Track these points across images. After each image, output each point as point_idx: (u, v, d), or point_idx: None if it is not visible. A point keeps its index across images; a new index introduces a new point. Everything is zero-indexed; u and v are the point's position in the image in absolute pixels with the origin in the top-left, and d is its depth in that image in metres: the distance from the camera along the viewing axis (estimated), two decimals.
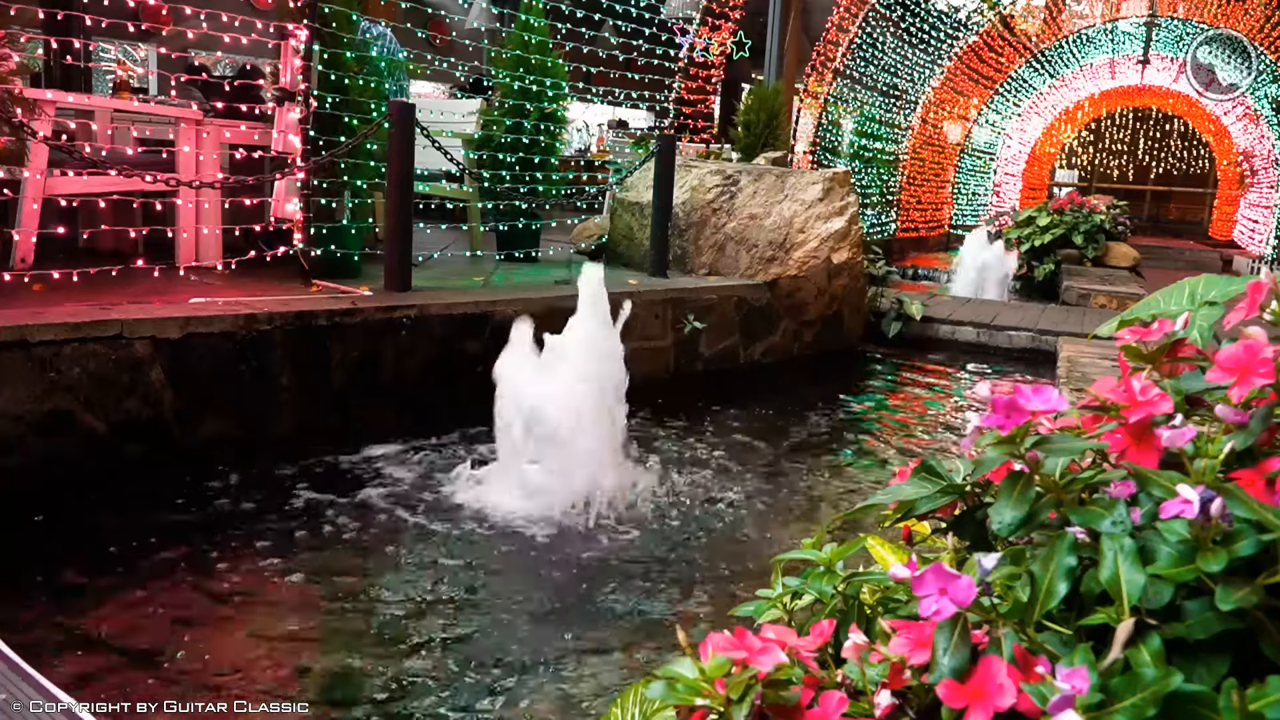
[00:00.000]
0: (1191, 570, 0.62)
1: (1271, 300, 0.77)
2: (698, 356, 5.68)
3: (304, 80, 4.59)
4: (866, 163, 11.06)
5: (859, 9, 9.88)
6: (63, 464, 3.30)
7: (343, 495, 3.55)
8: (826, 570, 0.89)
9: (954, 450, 4.57)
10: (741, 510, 3.74)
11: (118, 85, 7.04)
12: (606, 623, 2.80)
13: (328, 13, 4.62)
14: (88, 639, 2.48)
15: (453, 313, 4.46)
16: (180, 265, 4.58)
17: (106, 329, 3.39)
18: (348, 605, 2.79)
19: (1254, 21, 11.74)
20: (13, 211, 4.22)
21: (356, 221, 4.89)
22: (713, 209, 6.38)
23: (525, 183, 6.05)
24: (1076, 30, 13.75)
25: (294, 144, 4.77)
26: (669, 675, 0.70)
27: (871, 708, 0.68)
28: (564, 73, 6.25)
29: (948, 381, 6.51)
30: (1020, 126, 17.37)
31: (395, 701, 2.32)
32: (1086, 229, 10.05)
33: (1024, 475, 0.75)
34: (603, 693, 2.40)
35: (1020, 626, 0.65)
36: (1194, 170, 20.86)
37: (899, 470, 0.90)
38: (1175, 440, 0.72)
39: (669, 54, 8.40)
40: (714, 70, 8.81)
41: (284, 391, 3.91)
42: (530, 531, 3.33)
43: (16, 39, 4.08)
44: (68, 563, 2.88)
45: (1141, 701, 0.57)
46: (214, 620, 2.66)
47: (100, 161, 4.44)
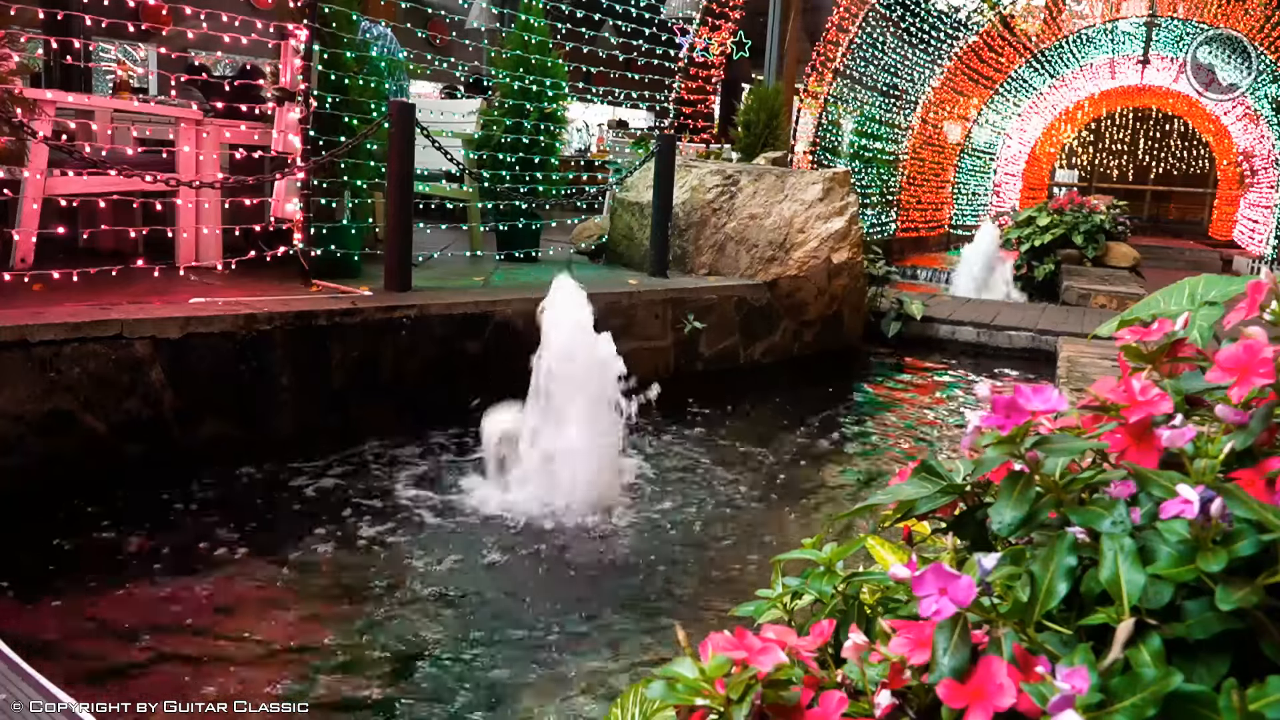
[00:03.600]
0: (1191, 570, 0.62)
1: (1271, 300, 0.77)
2: (698, 356, 5.68)
3: (304, 80, 4.59)
4: (866, 163, 11.06)
5: (859, 9, 9.88)
6: (63, 464, 3.30)
7: (343, 495, 3.56)
8: (826, 570, 0.89)
9: (954, 450, 4.57)
10: (741, 510, 3.73)
11: (118, 85, 7.04)
12: (604, 622, 2.80)
13: (328, 13, 4.62)
14: (88, 639, 2.48)
15: (453, 313, 4.46)
16: (180, 265, 4.58)
17: (106, 329, 3.39)
18: (349, 605, 2.79)
19: (1254, 21, 11.73)
20: (13, 211, 4.22)
21: (356, 221, 4.89)
22: (713, 209, 6.38)
23: (525, 183, 6.05)
24: (1076, 30, 13.74)
25: (294, 144, 4.77)
26: (669, 675, 0.70)
27: (871, 708, 0.68)
28: (564, 73, 6.25)
29: (948, 381, 6.50)
30: (1020, 126, 17.36)
31: (416, 689, 2.33)
32: (1086, 229, 10.05)
33: (1024, 475, 0.75)
34: (592, 689, 2.40)
35: (1020, 626, 0.65)
36: (1194, 170, 20.86)
37: (899, 470, 0.90)
38: (1175, 440, 0.72)
39: (669, 54, 8.40)
40: (714, 70, 8.81)
41: (284, 391, 3.91)
42: (529, 530, 3.34)
43: (16, 39, 4.08)
44: (68, 563, 2.88)
45: (1141, 701, 0.57)
46: (214, 621, 2.66)
47: (100, 161, 4.44)
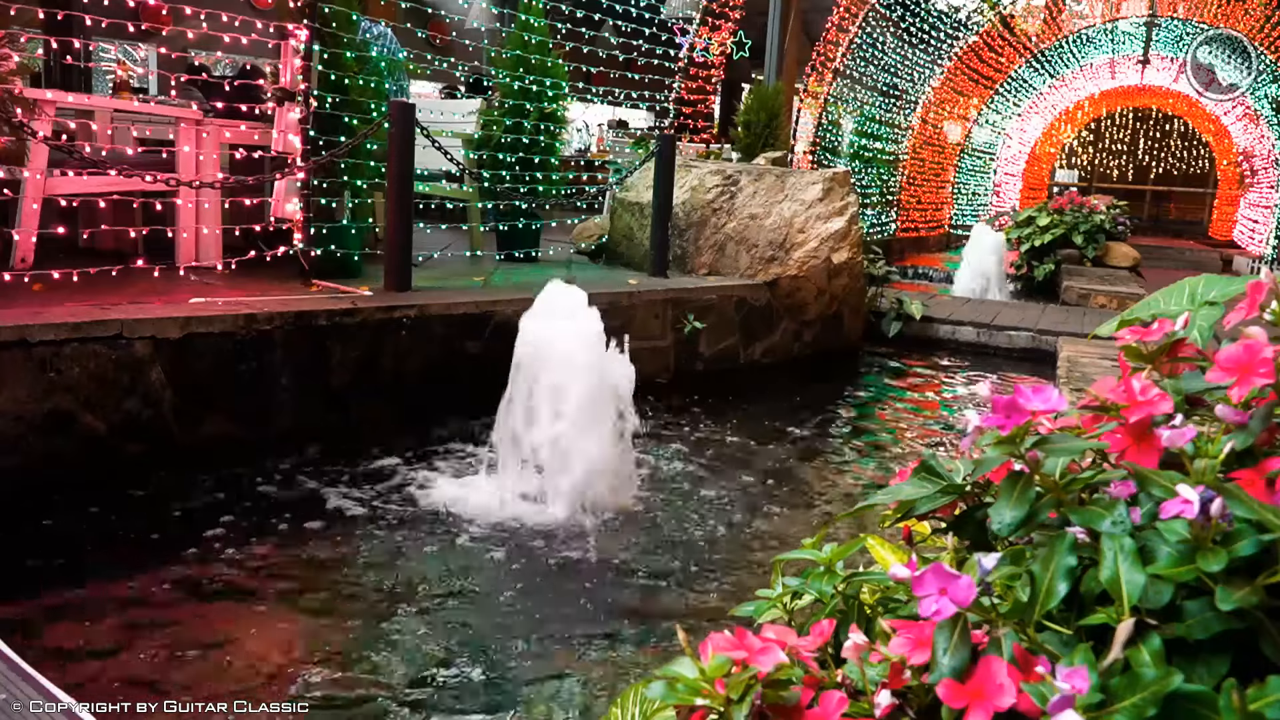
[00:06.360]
0: (1191, 570, 0.62)
1: (1271, 300, 0.77)
2: (698, 356, 5.68)
3: (304, 80, 4.59)
4: (866, 163, 11.05)
5: (859, 9, 9.88)
6: (63, 464, 3.30)
7: (343, 495, 3.55)
8: (826, 570, 0.89)
9: (954, 450, 4.57)
10: (741, 510, 3.73)
11: (118, 85, 7.05)
12: (602, 623, 2.80)
13: (328, 13, 4.62)
14: (88, 639, 2.48)
15: (453, 313, 4.46)
16: (180, 265, 4.58)
17: (106, 329, 3.39)
18: (348, 604, 2.79)
19: (1254, 21, 11.73)
20: (13, 211, 4.22)
21: (356, 221, 4.89)
22: (713, 209, 6.37)
23: (525, 183, 6.05)
24: (1076, 30, 13.74)
25: (294, 144, 4.77)
26: (669, 675, 0.70)
27: (871, 708, 0.68)
28: (564, 73, 6.25)
29: (948, 381, 6.50)
30: (1020, 126, 17.36)
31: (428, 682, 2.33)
32: (1086, 229, 10.05)
33: (1024, 475, 0.75)
34: (589, 689, 2.40)
35: (1020, 626, 0.65)
36: (1194, 170, 20.87)
37: (899, 470, 0.90)
38: (1175, 440, 0.72)
39: (669, 54, 8.40)
40: (714, 70, 8.80)
41: (284, 391, 3.91)
42: (529, 529, 3.34)
43: (16, 39, 4.08)
44: (68, 563, 2.88)
45: (1141, 701, 0.57)
46: (214, 619, 2.66)
47: (100, 161, 4.44)
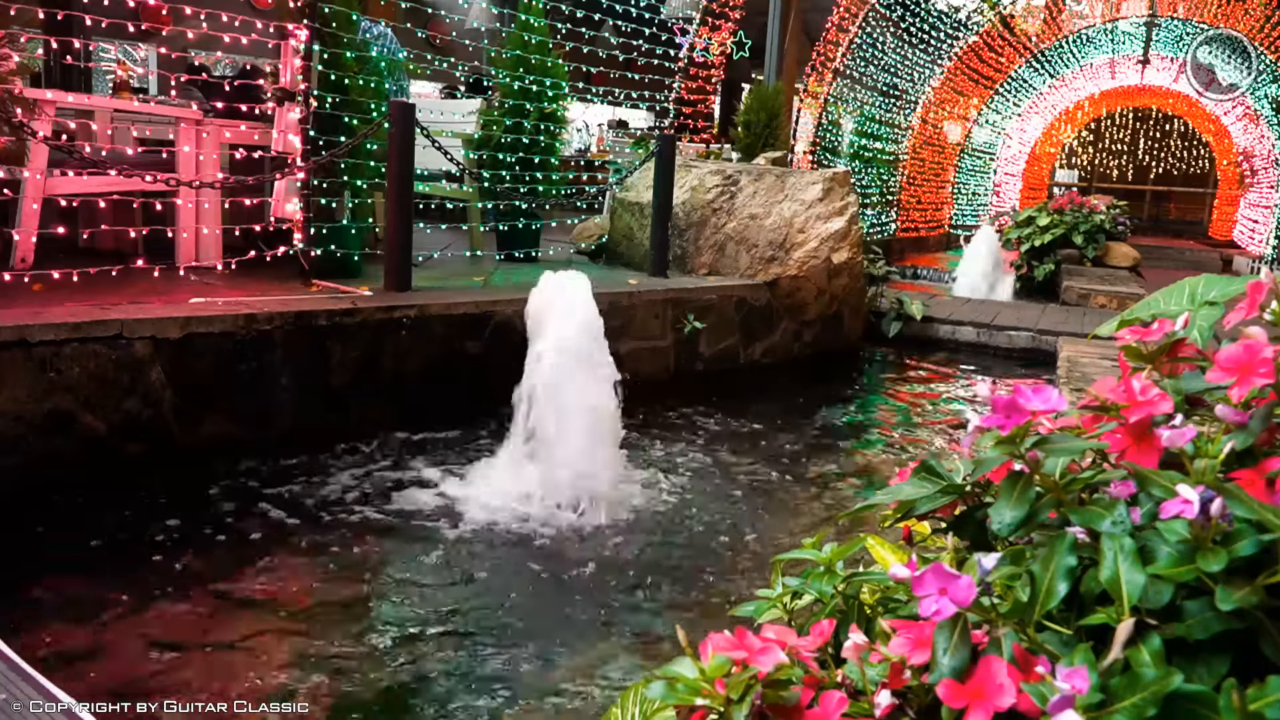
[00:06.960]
0: (1191, 570, 0.62)
1: (1271, 300, 0.77)
2: (697, 356, 5.68)
3: (304, 80, 4.59)
4: (866, 163, 11.05)
5: (859, 9, 9.87)
6: (63, 464, 3.30)
7: (343, 494, 3.55)
8: (826, 570, 0.89)
9: (954, 450, 4.57)
10: (741, 509, 3.73)
11: (118, 85, 7.04)
12: (601, 623, 2.80)
13: (328, 13, 4.62)
14: (88, 639, 2.48)
15: (453, 313, 4.46)
16: (180, 265, 4.58)
17: (106, 329, 3.39)
18: (348, 604, 2.79)
19: (1254, 21, 11.73)
20: (13, 211, 4.22)
21: (356, 221, 4.88)
22: (713, 209, 6.37)
23: (525, 183, 6.05)
24: (1076, 30, 13.74)
25: (294, 144, 4.77)
26: (669, 675, 0.70)
27: (871, 708, 0.68)
28: (564, 73, 6.24)
29: (948, 381, 6.50)
30: (1020, 126, 17.36)
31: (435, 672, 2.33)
32: (1086, 229, 10.05)
33: (1024, 475, 0.75)
34: (587, 682, 2.40)
35: (1020, 626, 0.65)
36: (1194, 170, 20.87)
37: (899, 470, 0.90)
38: (1175, 440, 0.72)
39: (669, 54, 8.40)
40: (714, 70, 8.80)
41: (284, 391, 3.91)
42: (528, 529, 3.34)
43: (16, 39, 4.08)
44: (68, 563, 2.88)
45: (1141, 701, 0.57)
46: (215, 620, 2.66)
47: (100, 161, 4.44)
